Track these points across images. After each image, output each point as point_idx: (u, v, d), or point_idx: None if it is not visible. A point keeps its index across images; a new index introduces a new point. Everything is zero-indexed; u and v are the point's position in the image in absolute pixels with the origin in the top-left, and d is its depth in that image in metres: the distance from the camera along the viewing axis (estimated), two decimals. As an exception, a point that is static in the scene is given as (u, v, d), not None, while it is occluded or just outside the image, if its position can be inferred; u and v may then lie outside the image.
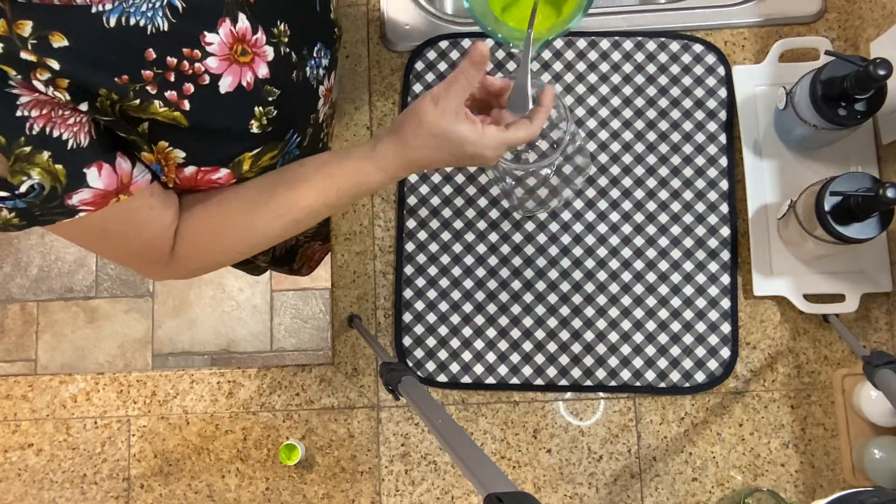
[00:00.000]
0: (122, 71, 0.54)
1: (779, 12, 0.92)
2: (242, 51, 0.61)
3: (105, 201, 0.57)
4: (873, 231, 0.73)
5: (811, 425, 0.85)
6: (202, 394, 0.91)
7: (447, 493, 0.87)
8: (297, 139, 0.71)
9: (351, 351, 0.90)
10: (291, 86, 0.67)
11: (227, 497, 0.89)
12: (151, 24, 0.54)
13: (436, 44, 0.94)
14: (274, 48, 0.64)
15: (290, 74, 0.67)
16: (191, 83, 0.58)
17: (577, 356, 0.87)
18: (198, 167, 0.63)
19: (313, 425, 0.89)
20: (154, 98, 0.56)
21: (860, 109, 0.76)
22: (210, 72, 0.59)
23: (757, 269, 0.86)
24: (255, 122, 0.64)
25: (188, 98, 0.58)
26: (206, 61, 0.58)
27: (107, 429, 0.91)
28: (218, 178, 0.65)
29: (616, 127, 0.91)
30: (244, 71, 0.61)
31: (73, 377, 0.92)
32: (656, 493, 0.85)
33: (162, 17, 0.55)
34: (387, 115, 0.94)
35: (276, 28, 0.64)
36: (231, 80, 0.61)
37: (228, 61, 0.60)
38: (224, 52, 0.59)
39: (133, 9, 0.53)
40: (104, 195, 0.57)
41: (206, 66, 0.58)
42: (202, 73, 0.58)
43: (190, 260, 0.68)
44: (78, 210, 0.56)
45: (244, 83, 0.62)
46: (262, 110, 0.64)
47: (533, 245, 0.89)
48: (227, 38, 0.59)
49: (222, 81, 0.60)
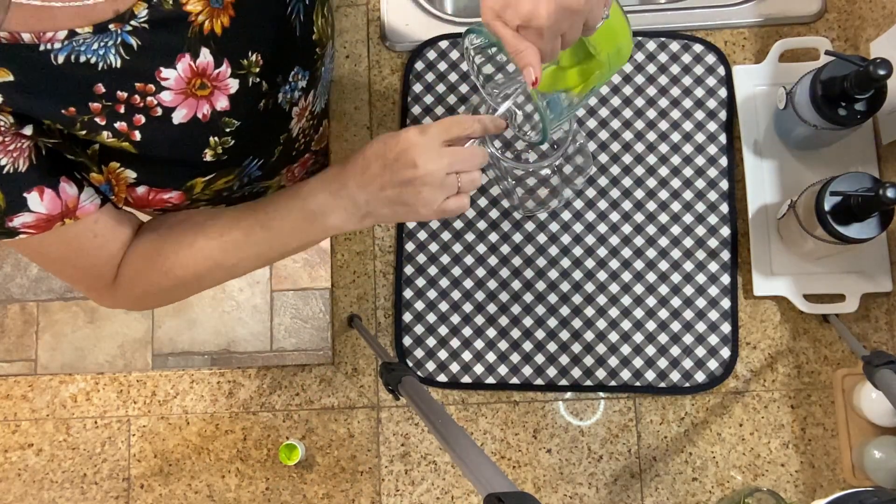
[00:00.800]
0: (70, 103, 0.54)
1: (779, 12, 0.92)
2: (201, 84, 0.60)
3: (49, 225, 0.57)
4: (873, 231, 0.73)
5: (811, 425, 0.85)
6: (202, 394, 0.91)
7: (447, 493, 0.87)
8: (257, 162, 0.70)
9: (351, 351, 0.90)
10: (255, 115, 0.66)
11: (227, 497, 0.89)
12: (103, 62, 0.54)
13: (436, 44, 0.94)
14: (240, 80, 0.62)
15: (257, 104, 0.65)
16: (142, 115, 0.58)
17: (577, 356, 0.87)
18: (149, 187, 0.63)
19: (313, 425, 0.89)
20: (102, 129, 0.56)
21: (860, 109, 0.76)
22: (163, 104, 0.58)
23: (757, 269, 0.86)
24: (210, 152, 0.63)
25: (139, 128, 0.58)
26: (160, 95, 0.58)
27: (107, 429, 0.91)
28: (170, 197, 0.65)
29: (616, 127, 0.91)
30: (201, 103, 0.60)
31: (73, 377, 0.92)
32: (656, 493, 0.85)
33: (115, 55, 0.54)
34: (386, 116, 0.94)
35: (247, 59, 0.62)
36: (186, 112, 0.60)
37: (184, 95, 0.59)
38: (181, 87, 0.58)
39: (84, 47, 0.53)
40: (47, 219, 0.57)
41: (158, 100, 0.58)
42: (154, 105, 0.58)
43: (132, 284, 0.66)
44: (19, 232, 0.56)
45: (199, 115, 0.61)
46: (218, 140, 0.63)
47: (533, 245, 0.89)
48: (185, 73, 0.58)
49: (175, 113, 0.59)
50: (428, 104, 0.93)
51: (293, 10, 0.66)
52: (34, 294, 1.92)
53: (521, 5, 0.51)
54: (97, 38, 0.53)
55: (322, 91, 0.79)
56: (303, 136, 0.78)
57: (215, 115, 0.62)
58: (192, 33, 0.57)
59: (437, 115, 0.92)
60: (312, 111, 0.78)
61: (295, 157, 0.81)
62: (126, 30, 0.54)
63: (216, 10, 0.58)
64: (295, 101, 0.72)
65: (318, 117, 0.81)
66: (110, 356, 1.89)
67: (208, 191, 0.67)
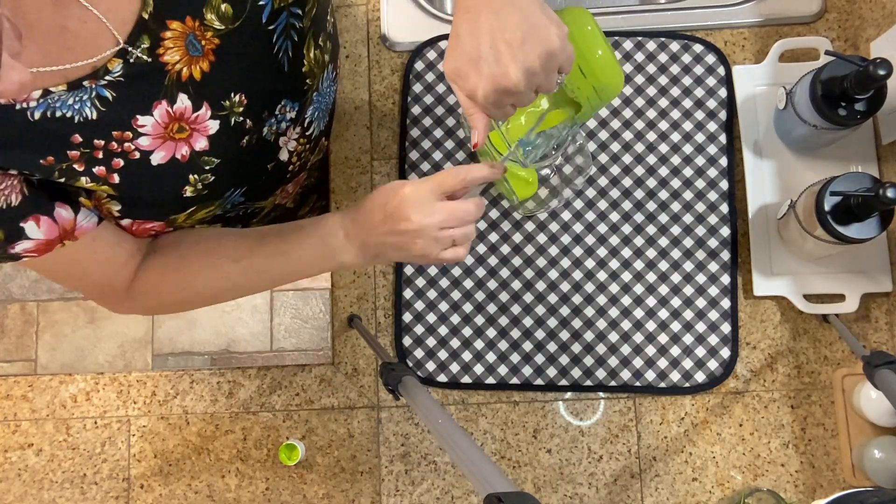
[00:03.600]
0: (48, 154, 0.54)
1: (779, 12, 0.92)
2: (179, 128, 0.60)
3: (49, 247, 0.58)
4: (873, 231, 0.73)
5: (811, 425, 0.85)
6: (202, 394, 0.91)
7: (447, 493, 0.87)
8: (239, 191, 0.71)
9: (351, 351, 0.90)
10: (237, 152, 0.66)
11: (227, 497, 0.89)
12: (79, 115, 0.54)
13: (436, 44, 0.94)
14: (221, 120, 0.62)
15: (239, 141, 0.65)
16: (120, 158, 0.58)
17: (577, 356, 0.87)
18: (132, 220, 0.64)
19: (313, 425, 0.89)
20: (81, 175, 0.57)
21: (860, 109, 0.76)
22: (140, 149, 0.59)
23: (757, 269, 0.86)
24: (189, 188, 0.64)
25: (117, 171, 0.58)
26: (138, 140, 0.58)
27: (107, 429, 0.91)
28: (152, 226, 0.67)
29: (616, 127, 0.91)
30: (179, 146, 0.61)
31: (73, 377, 0.92)
32: (656, 493, 0.85)
33: (90, 108, 0.55)
34: (386, 115, 0.94)
35: (228, 101, 0.62)
36: (164, 154, 0.60)
37: (162, 139, 0.59)
38: (158, 132, 0.59)
39: (59, 103, 0.53)
40: (47, 243, 0.58)
41: (136, 145, 0.58)
42: (132, 150, 0.58)
43: (147, 297, 0.68)
44: (21, 256, 0.58)
45: (178, 156, 0.61)
46: (198, 177, 0.64)
47: (533, 245, 0.89)
48: (162, 119, 0.58)
49: (154, 156, 0.60)
50: (428, 104, 0.93)
51: (280, 49, 0.65)
52: (34, 294, 1.92)
53: (466, 81, 0.54)
54: (72, 94, 0.53)
55: (321, 115, 0.79)
56: (297, 158, 0.78)
57: (194, 155, 0.62)
58: (168, 81, 0.58)
59: (438, 115, 0.92)
60: (308, 135, 0.78)
61: (289, 178, 0.81)
62: (101, 84, 0.54)
63: (195, 57, 0.58)
64: (282, 131, 0.72)
65: (315, 139, 0.81)
66: (110, 356, 1.89)
67: (190, 220, 0.69)
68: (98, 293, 0.68)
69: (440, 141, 0.92)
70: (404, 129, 0.92)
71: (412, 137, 0.92)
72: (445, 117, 0.92)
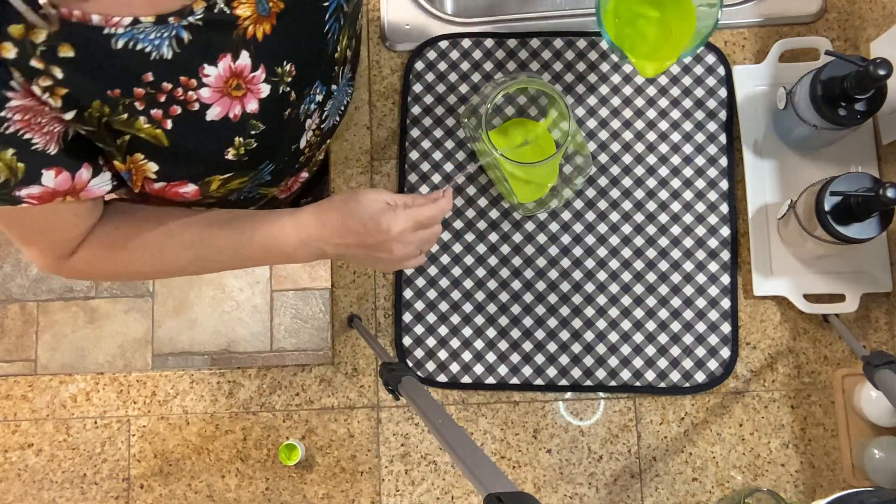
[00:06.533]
0: (116, 86, 0.55)
1: (779, 12, 0.92)
2: (237, 85, 0.62)
3: (50, 199, 0.59)
4: (873, 231, 0.73)
5: (811, 425, 0.85)
6: (202, 394, 0.91)
7: (447, 493, 0.87)
8: (270, 168, 0.72)
9: (351, 351, 0.90)
10: (279, 122, 0.68)
11: (227, 497, 0.89)
12: (156, 52, 0.56)
13: (436, 44, 0.94)
14: (272, 86, 0.64)
15: (282, 112, 0.67)
16: (179, 106, 0.59)
17: (577, 356, 0.87)
18: (167, 182, 0.65)
19: (313, 425, 0.89)
20: (140, 114, 0.58)
21: (860, 109, 0.76)
22: (201, 100, 0.60)
23: (757, 269, 0.86)
24: (233, 151, 0.65)
25: (172, 118, 0.59)
26: (200, 91, 0.60)
27: (107, 429, 0.91)
28: (185, 191, 0.67)
29: (616, 127, 0.91)
30: (234, 104, 0.62)
31: (73, 377, 0.92)
32: (656, 493, 0.85)
33: (168, 47, 0.56)
34: (386, 115, 0.94)
35: (281, 68, 0.64)
36: (219, 110, 0.62)
37: (221, 93, 0.61)
38: (219, 85, 0.60)
39: (142, 35, 0.54)
40: (52, 194, 0.58)
41: (198, 95, 0.60)
42: (193, 100, 0.60)
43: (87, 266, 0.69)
44: (22, 201, 0.57)
45: (231, 115, 0.62)
46: (242, 141, 0.65)
47: (533, 245, 0.89)
48: (224, 72, 0.60)
49: (210, 110, 0.61)
50: (428, 104, 0.93)
51: (328, 29, 0.68)
52: (34, 294, 1.92)
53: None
54: (156, 29, 0.55)
55: (334, 112, 0.81)
56: (308, 150, 0.79)
57: (245, 117, 0.64)
58: (236, 35, 0.59)
59: (438, 115, 0.92)
60: (322, 127, 0.80)
61: (296, 170, 0.82)
62: (182, 24, 0.56)
63: (262, 17, 0.60)
64: (310, 113, 0.74)
65: (325, 135, 0.82)
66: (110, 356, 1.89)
67: (223, 189, 0.69)
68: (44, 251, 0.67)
69: (440, 141, 0.92)
70: (404, 129, 0.92)
71: (412, 137, 0.92)
72: (445, 117, 0.92)
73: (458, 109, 0.92)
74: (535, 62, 0.93)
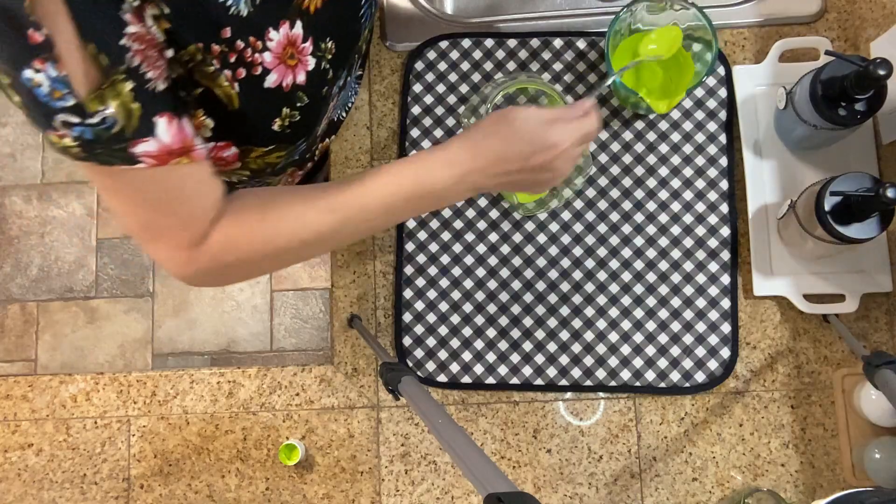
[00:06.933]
0: (200, 39, 0.56)
1: (779, 12, 0.92)
2: (291, 55, 0.63)
3: (167, 159, 0.55)
4: (873, 231, 0.73)
5: (811, 425, 0.85)
6: (202, 394, 0.91)
7: (447, 493, 0.87)
8: (303, 145, 0.73)
9: (351, 351, 0.90)
10: (319, 98, 0.69)
11: (227, 497, 0.89)
12: (235, 6, 0.56)
13: (436, 44, 0.94)
14: (317, 60, 0.66)
15: (322, 88, 0.69)
16: (244, 69, 0.60)
17: (577, 356, 0.87)
18: (214, 143, 0.64)
19: (313, 425, 0.89)
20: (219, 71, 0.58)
21: (860, 109, 0.76)
22: (264, 65, 0.61)
23: (757, 269, 0.86)
24: (279, 122, 0.66)
25: (238, 81, 0.60)
26: (264, 55, 0.60)
27: (107, 429, 0.91)
28: (227, 155, 0.67)
29: (616, 127, 0.91)
30: (287, 73, 0.63)
31: (73, 377, 0.92)
32: (656, 493, 0.85)
33: (245, 3, 0.57)
34: (386, 115, 0.94)
35: (325, 43, 0.66)
36: (276, 77, 0.62)
37: (279, 60, 0.62)
38: (278, 52, 0.61)
39: None
40: (168, 151, 0.55)
41: (262, 59, 0.60)
42: (258, 63, 0.60)
43: (224, 250, 0.61)
44: (138, 159, 0.54)
45: (284, 84, 0.63)
46: (289, 112, 0.66)
47: (533, 245, 0.89)
48: (283, 39, 0.61)
49: (269, 77, 0.62)
50: (428, 104, 0.93)
51: (363, 15, 0.71)
52: (34, 294, 1.92)
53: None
54: None
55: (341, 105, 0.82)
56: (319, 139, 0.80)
57: (294, 88, 0.64)
58: (294, 4, 0.61)
59: (438, 115, 0.92)
60: (331, 117, 0.80)
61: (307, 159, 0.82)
62: None
63: None
64: (333, 96, 0.76)
65: (331, 127, 0.83)
66: (110, 356, 1.89)
67: (260, 161, 0.70)
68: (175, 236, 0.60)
69: (440, 141, 0.92)
70: (404, 129, 0.92)
71: (412, 137, 0.92)
72: (445, 117, 0.92)
73: (458, 109, 0.92)
74: (535, 62, 0.93)
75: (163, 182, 0.57)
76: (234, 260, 0.62)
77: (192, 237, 0.60)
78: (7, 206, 1.96)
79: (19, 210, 1.96)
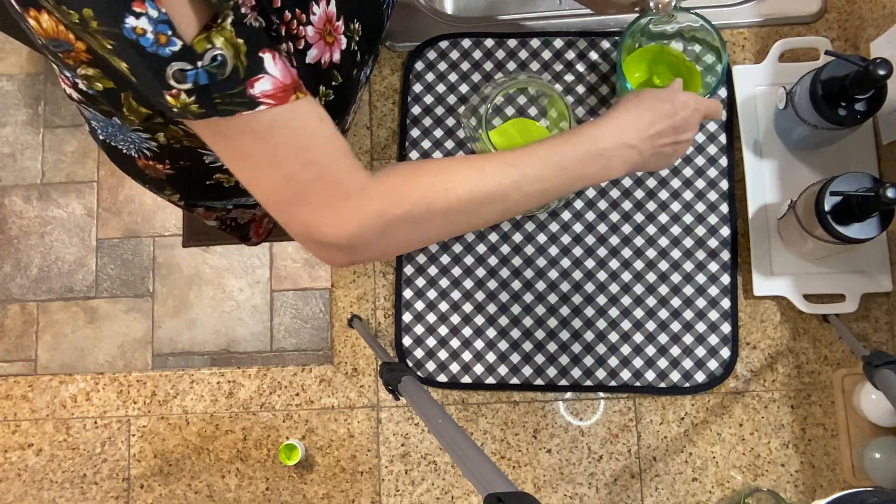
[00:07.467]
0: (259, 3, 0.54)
1: (779, 12, 0.92)
2: (329, 32, 0.63)
3: (285, 96, 0.52)
4: (873, 231, 0.73)
5: (811, 425, 0.85)
6: (202, 394, 0.91)
7: (447, 493, 0.87)
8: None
9: (351, 351, 0.90)
10: (350, 80, 0.70)
11: (227, 497, 0.89)
12: None
13: (436, 44, 0.94)
14: (348, 40, 0.66)
15: (353, 69, 0.70)
16: (289, 42, 0.59)
17: (577, 356, 0.87)
18: None
19: (313, 425, 0.89)
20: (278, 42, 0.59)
21: (860, 109, 0.76)
22: (307, 38, 0.61)
23: (757, 269, 0.86)
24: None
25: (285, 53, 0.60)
26: (307, 28, 0.60)
27: (107, 429, 0.91)
28: None
29: (616, 127, 0.91)
30: (325, 50, 0.64)
31: (73, 377, 0.92)
32: (656, 493, 0.85)
33: None
34: (386, 115, 0.94)
35: (353, 24, 0.67)
36: (316, 53, 0.63)
37: (320, 35, 0.62)
38: (319, 27, 0.62)
39: None
40: (283, 88, 0.52)
41: (305, 32, 0.60)
42: (301, 37, 0.60)
43: (397, 195, 0.55)
44: (259, 102, 0.51)
45: (322, 60, 0.64)
46: (324, 90, 0.66)
47: (533, 245, 0.89)
48: (322, 14, 0.62)
49: (310, 52, 0.62)
50: (428, 104, 0.93)
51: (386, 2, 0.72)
52: (34, 294, 1.92)
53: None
54: None
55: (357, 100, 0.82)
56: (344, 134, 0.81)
57: (330, 66, 0.65)
58: None
59: (438, 115, 0.92)
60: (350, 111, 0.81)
61: None
62: None
63: None
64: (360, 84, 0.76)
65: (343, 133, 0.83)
66: (110, 356, 1.89)
67: None
68: (319, 189, 0.54)
69: (440, 141, 0.92)
70: (404, 129, 0.92)
71: (412, 137, 0.92)
72: (445, 117, 0.92)
73: (458, 109, 0.92)
74: (535, 62, 0.93)
75: (289, 124, 0.53)
76: (403, 214, 0.55)
77: (344, 185, 0.54)
78: (7, 206, 1.96)
79: (19, 210, 1.96)
